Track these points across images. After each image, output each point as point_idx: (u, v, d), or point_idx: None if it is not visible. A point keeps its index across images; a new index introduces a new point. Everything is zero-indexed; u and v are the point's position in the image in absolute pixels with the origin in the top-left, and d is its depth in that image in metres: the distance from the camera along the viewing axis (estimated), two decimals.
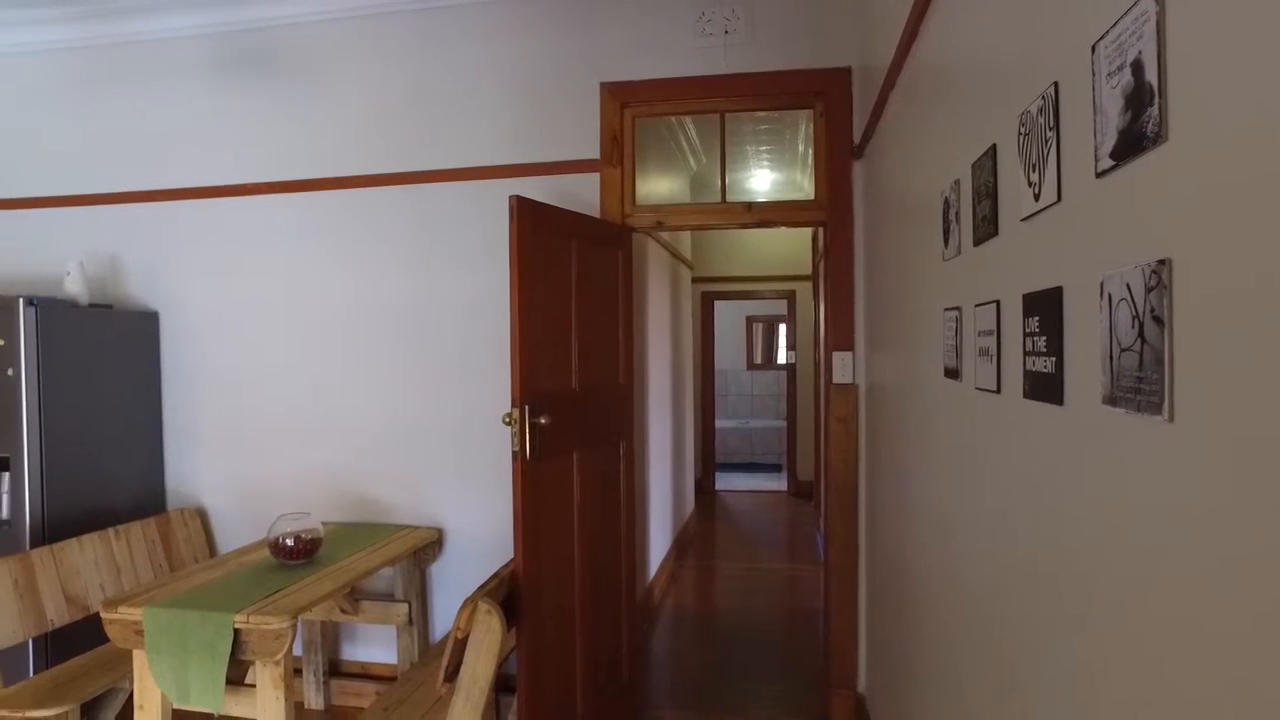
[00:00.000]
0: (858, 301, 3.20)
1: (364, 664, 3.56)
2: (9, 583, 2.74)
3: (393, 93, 3.50)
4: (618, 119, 3.32)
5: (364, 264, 3.52)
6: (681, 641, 4.13)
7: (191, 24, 3.64)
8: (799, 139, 5.20)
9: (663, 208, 3.45)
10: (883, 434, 2.70)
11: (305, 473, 3.57)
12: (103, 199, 3.77)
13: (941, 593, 1.72)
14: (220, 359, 3.67)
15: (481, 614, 2.27)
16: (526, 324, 2.53)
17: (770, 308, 10.04)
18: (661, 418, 4.92)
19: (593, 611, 2.93)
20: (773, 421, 10.03)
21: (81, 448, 3.31)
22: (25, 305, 3.09)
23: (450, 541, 3.44)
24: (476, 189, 3.41)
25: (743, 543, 6.15)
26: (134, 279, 3.76)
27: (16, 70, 3.89)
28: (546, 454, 2.61)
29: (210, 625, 2.34)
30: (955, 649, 1.60)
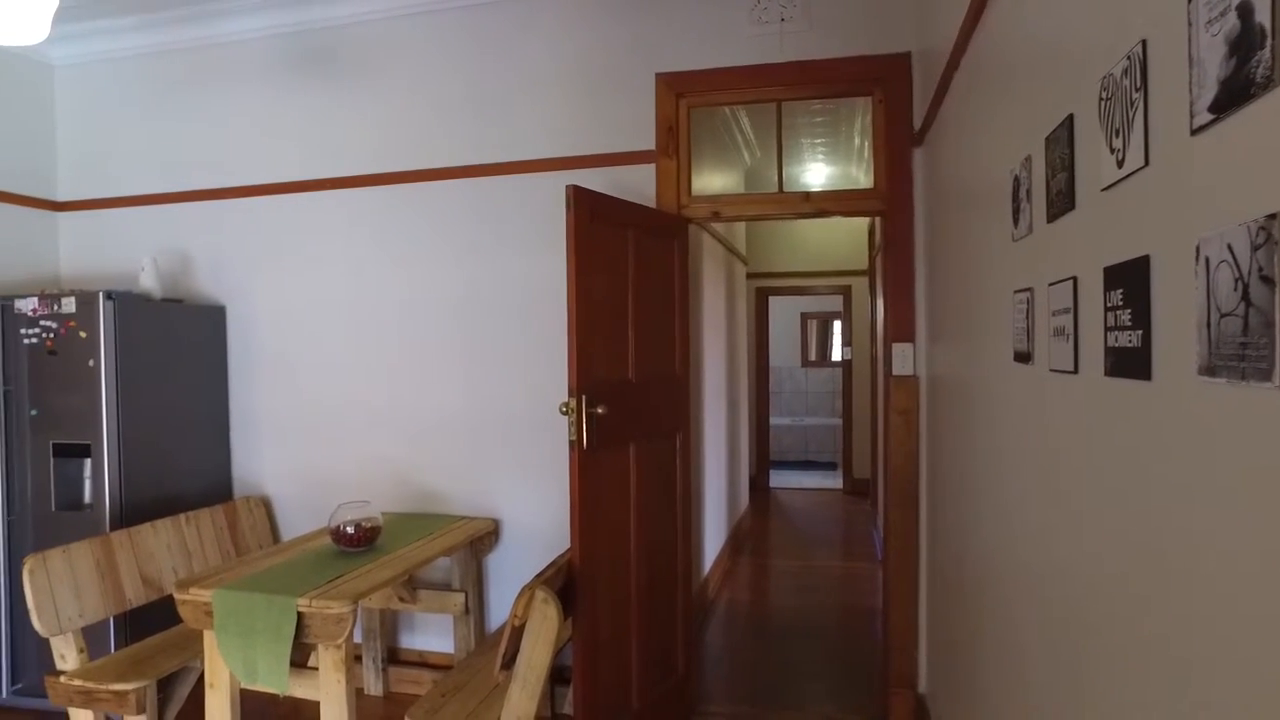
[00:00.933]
0: (918, 292, 3.13)
1: (421, 652, 3.61)
2: (92, 563, 2.85)
3: (450, 88, 3.54)
4: (673, 109, 3.30)
5: (422, 257, 3.57)
6: (736, 637, 4.09)
7: (256, 27, 3.74)
8: (854, 130, 5.12)
9: (719, 198, 3.42)
10: (945, 426, 2.63)
11: (365, 463, 3.64)
12: (174, 197, 3.91)
13: (1012, 591, 1.65)
14: (284, 351, 3.77)
15: (539, 602, 2.27)
16: (584, 313, 2.53)
17: (825, 304, 9.89)
18: (716, 413, 4.88)
19: (648, 603, 2.92)
20: (827, 419, 9.89)
21: (155, 436, 3.43)
22: (104, 299, 3.21)
23: (506, 532, 3.47)
24: (532, 181, 3.43)
25: (797, 540, 6.08)
26: (203, 274, 3.88)
27: (94, 78, 4.06)
28: (603, 444, 2.61)
29: (275, 608, 2.39)
30: (1027, 651, 1.54)
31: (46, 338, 3.26)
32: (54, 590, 2.72)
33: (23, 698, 3.34)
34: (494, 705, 2.40)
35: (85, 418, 3.23)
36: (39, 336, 3.27)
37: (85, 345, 3.21)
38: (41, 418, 3.29)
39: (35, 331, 3.27)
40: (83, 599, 2.80)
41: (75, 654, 2.74)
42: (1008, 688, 1.70)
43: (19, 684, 3.34)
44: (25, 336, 3.29)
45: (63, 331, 3.23)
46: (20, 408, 3.32)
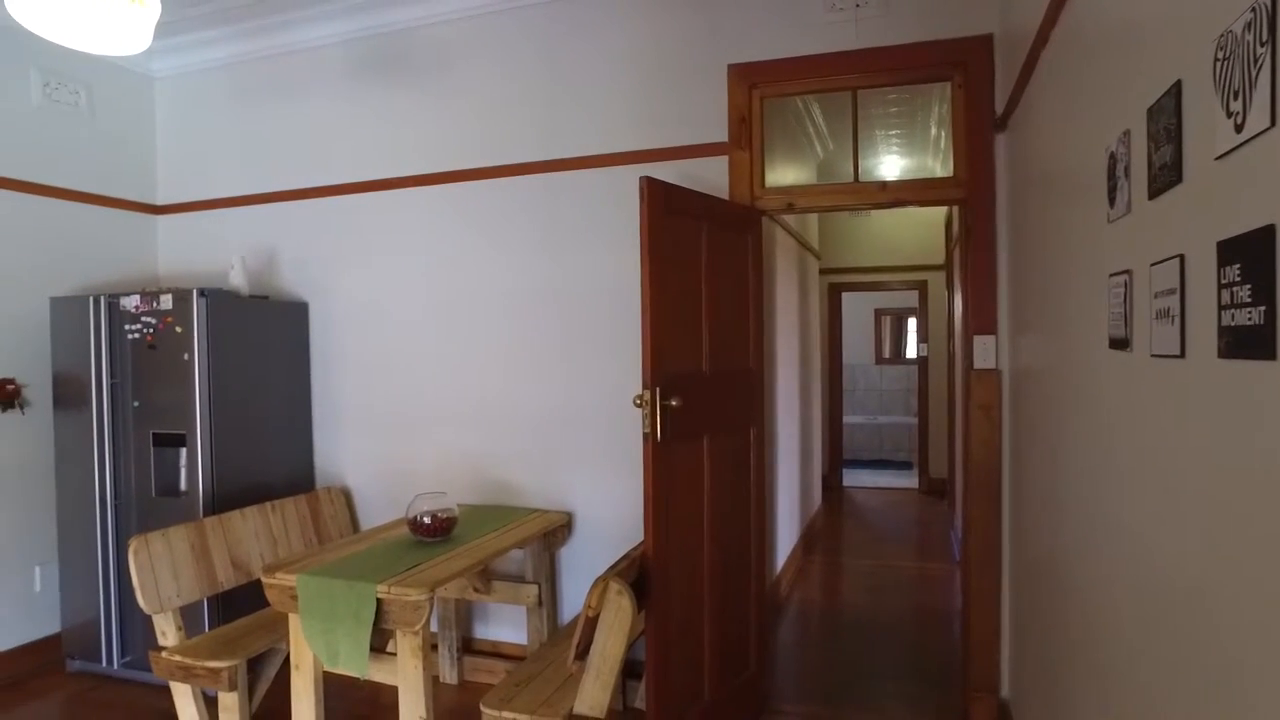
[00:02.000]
0: (1000, 282, 3.01)
1: (495, 643, 3.66)
2: (187, 546, 3.00)
3: (521, 84, 3.58)
4: (745, 100, 3.26)
5: (496, 252, 3.62)
6: (808, 635, 4.02)
7: (335, 32, 3.86)
8: (931, 120, 4.97)
9: (793, 189, 3.37)
10: (1031, 420, 2.52)
11: (441, 455, 3.72)
12: (260, 199, 4.07)
13: (1111, 596, 1.57)
14: (362, 346, 3.88)
15: (612, 594, 2.28)
16: (657, 305, 2.52)
17: (900, 299, 9.66)
18: (789, 410, 4.82)
19: (721, 598, 2.90)
20: (903, 418, 9.66)
21: (243, 428, 3.57)
22: (198, 296, 3.36)
23: (579, 526, 3.49)
24: (604, 175, 3.44)
25: (871, 539, 5.95)
26: (287, 271, 4.03)
27: (188, 88, 4.26)
28: (677, 437, 2.60)
29: (355, 594, 2.46)
30: (1129, 661, 1.46)
31: (147, 333, 3.43)
32: (155, 570, 2.86)
33: (131, 670, 3.53)
34: (567, 695, 2.41)
35: (181, 409, 3.39)
36: (140, 332, 3.45)
37: (181, 340, 3.37)
38: (143, 409, 3.47)
39: (137, 327, 3.45)
40: (180, 580, 2.93)
41: (174, 631, 2.88)
42: (1104, 699, 1.62)
43: (128, 657, 3.53)
44: (129, 332, 3.47)
45: (161, 327, 3.40)
46: (124, 399, 3.50)
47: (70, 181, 3.89)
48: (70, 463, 3.63)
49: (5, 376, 3.59)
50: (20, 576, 3.67)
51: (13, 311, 3.63)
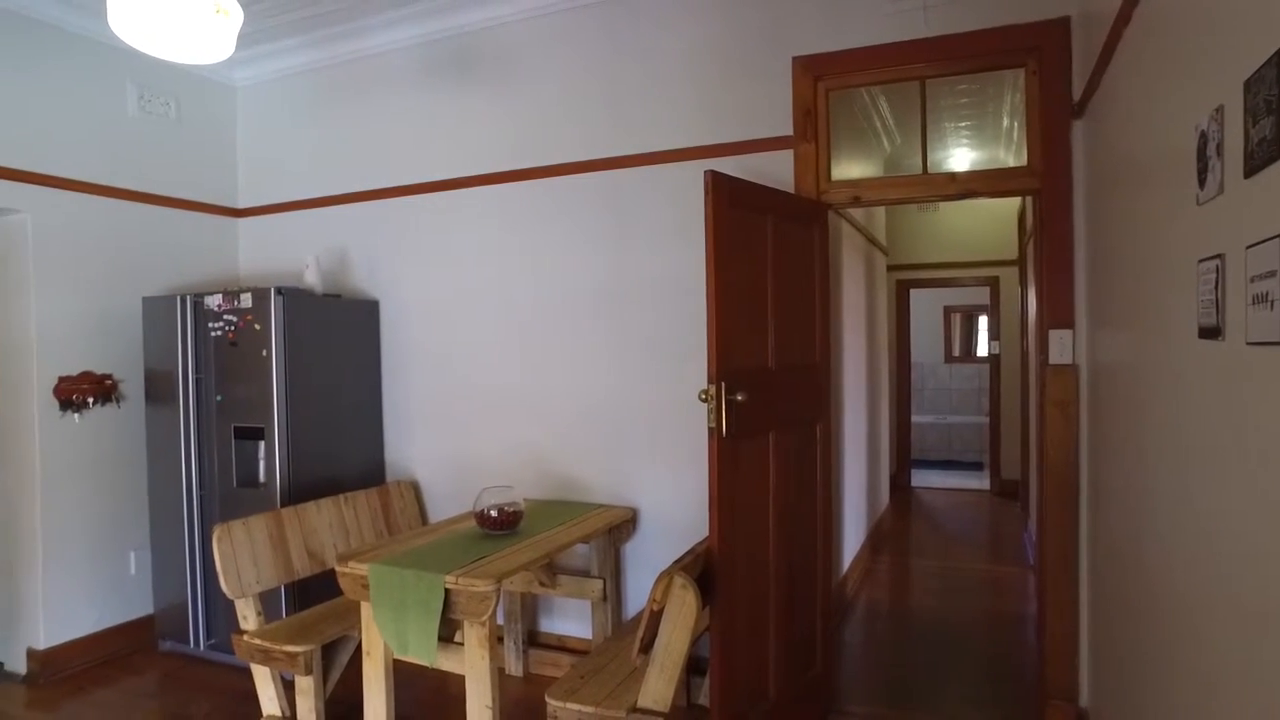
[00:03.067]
0: (1078, 273, 2.90)
1: (560, 636, 3.70)
2: (266, 535, 3.11)
3: (585, 83, 3.61)
4: (810, 93, 3.22)
5: (563, 249, 3.66)
6: (875, 637, 3.95)
7: (405, 36, 3.96)
8: (1003, 110, 4.82)
9: (859, 182, 3.31)
10: (1111, 416, 2.42)
11: (508, 450, 3.77)
12: (334, 200, 4.20)
13: (1211, 603, 1.49)
14: (431, 342, 3.97)
15: (677, 588, 2.27)
16: (723, 300, 2.51)
17: (970, 296, 9.40)
18: (856, 408, 4.74)
19: (786, 595, 2.86)
20: (973, 417, 9.40)
21: (317, 422, 3.69)
22: (275, 295, 3.49)
23: (644, 521, 3.50)
24: (667, 172, 3.44)
25: (941, 541, 5.80)
26: (358, 270, 4.15)
27: (268, 96, 4.44)
28: (742, 432, 2.58)
29: (424, 584, 2.51)
30: (1226, 675, 1.39)
31: (228, 330, 3.58)
32: (237, 557, 2.98)
33: (215, 652, 3.70)
34: (631, 689, 2.42)
35: (260, 403, 3.52)
36: (222, 329, 3.60)
37: (259, 337, 3.51)
38: (225, 403, 3.62)
39: (220, 325, 3.60)
40: (259, 567, 3.05)
41: (254, 616, 3.00)
42: (1198, 712, 1.54)
43: (213, 640, 3.70)
44: (212, 330, 3.63)
45: (241, 324, 3.54)
46: (208, 394, 3.67)
47: (161, 187, 4.09)
48: (160, 454, 3.81)
49: (104, 372, 3.80)
50: (117, 560, 3.88)
51: (110, 311, 3.84)
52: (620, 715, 2.32)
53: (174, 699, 3.39)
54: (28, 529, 3.61)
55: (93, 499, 3.78)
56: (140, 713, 3.27)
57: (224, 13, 2.04)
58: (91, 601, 3.77)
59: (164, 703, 3.37)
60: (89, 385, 3.73)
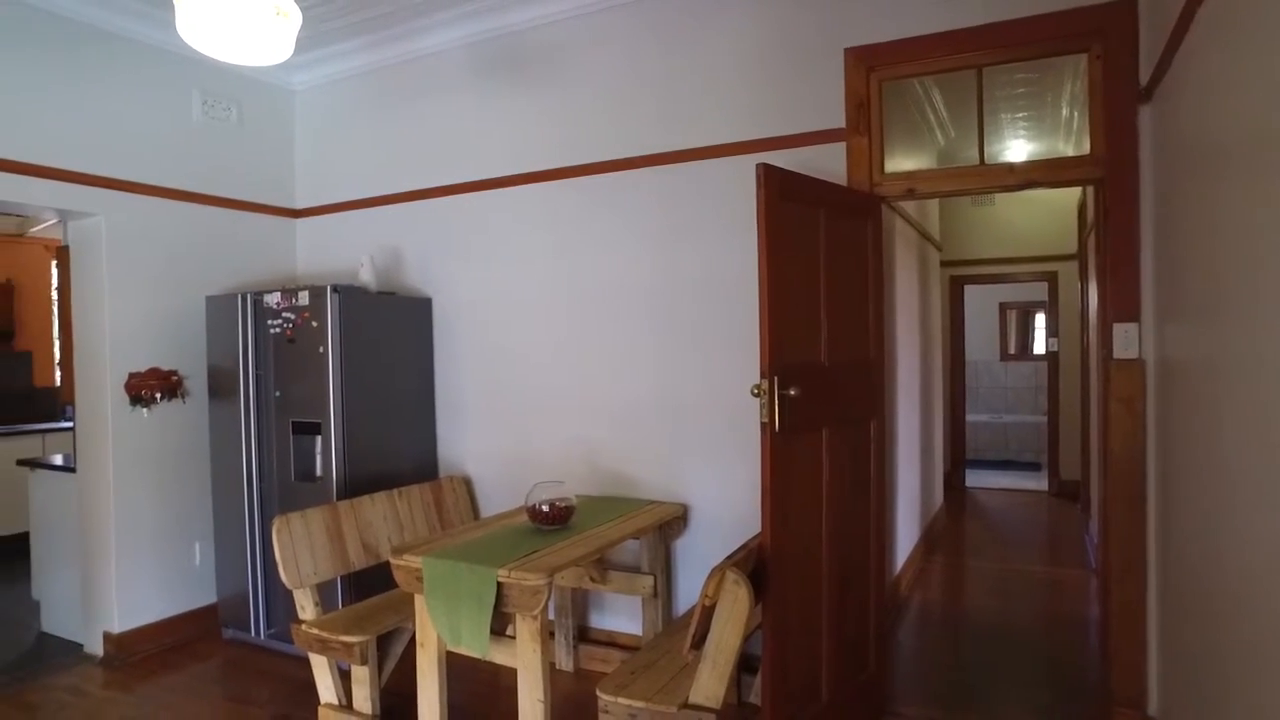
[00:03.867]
0: (1144, 264, 2.80)
1: (610, 632, 3.71)
2: (323, 528, 3.18)
3: (633, 78, 3.61)
4: (863, 84, 3.17)
5: (614, 245, 3.66)
6: (929, 638, 3.87)
7: (454, 37, 4.01)
8: (1062, 99, 4.68)
9: (914, 174, 3.25)
10: (1184, 412, 2.33)
11: (559, 446, 3.79)
12: (387, 200, 4.28)
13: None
14: (483, 339, 4.01)
15: (729, 583, 2.26)
16: (775, 294, 2.48)
17: (1026, 293, 9.16)
18: (909, 405, 4.65)
19: (839, 594, 2.82)
20: (1030, 416, 9.16)
21: (372, 418, 3.76)
22: (331, 292, 3.56)
23: (695, 518, 3.48)
24: (716, 167, 3.42)
25: (996, 542, 5.66)
26: (411, 268, 4.22)
27: (324, 98, 4.54)
28: (795, 428, 2.55)
29: (477, 577, 2.54)
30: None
31: (287, 327, 3.67)
32: (295, 548, 3.05)
33: (275, 641, 3.80)
34: (682, 684, 2.41)
35: (317, 399, 3.60)
36: (281, 327, 3.69)
37: (316, 334, 3.58)
38: (283, 399, 3.71)
39: (278, 322, 3.70)
40: (317, 558, 3.12)
41: (312, 606, 3.07)
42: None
43: (273, 629, 3.80)
44: (271, 327, 3.72)
45: (299, 322, 3.63)
46: (267, 390, 3.76)
47: (223, 190, 4.21)
48: (222, 448, 3.93)
49: (170, 369, 3.93)
50: (183, 551, 4.01)
51: (176, 309, 3.97)
52: (671, 711, 2.31)
53: (237, 685, 3.49)
54: (103, 518, 3.76)
55: (160, 491, 3.91)
56: (206, 697, 3.38)
57: (284, 15, 2.09)
58: (159, 590, 3.91)
59: (227, 688, 3.47)
60: (156, 381, 3.86)
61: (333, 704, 3.07)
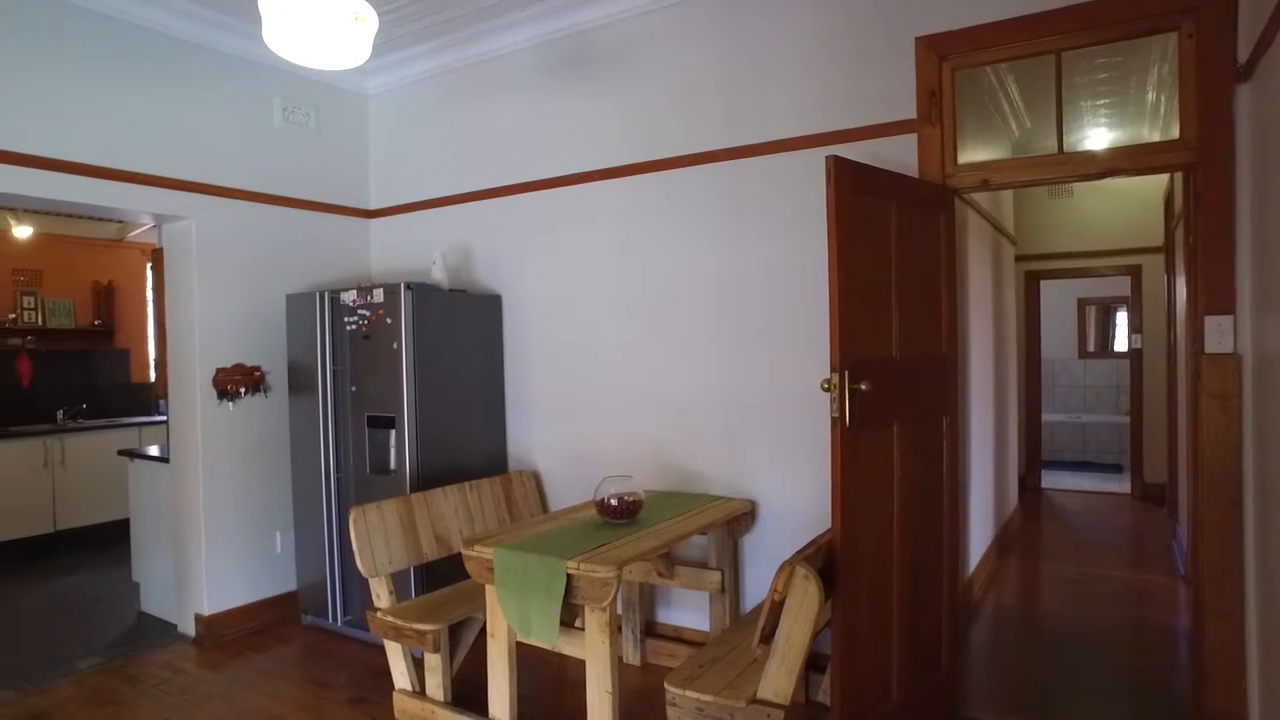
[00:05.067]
0: (1240, 253, 2.66)
1: (677, 627, 3.72)
2: (397, 519, 3.28)
3: (699, 74, 3.61)
4: (935, 73, 3.10)
5: (681, 241, 3.66)
6: (1004, 642, 3.76)
7: (522, 38, 4.07)
8: (1148, 83, 4.48)
9: (988, 165, 3.16)
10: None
11: (627, 442, 3.82)
12: (458, 199, 4.38)
13: None
14: (551, 335, 4.07)
15: (799, 579, 2.24)
16: (845, 286, 2.45)
17: (1106, 287, 8.81)
18: (982, 403, 4.53)
19: (911, 592, 2.77)
20: (1110, 416, 8.82)
21: (443, 412, 3.85)
22: (405, 290, 3.66)
23: (763, 514, 3.46)
24: (783, 161, 3.39)
25: (1074, 545, 5.46)
26: (481, 266, 4.30)
27: (396, 101, 4.66)
28: (866, 423, 2.51)
29: (547, 569, 2.58)
30: None
31: (362, 324, 3.79)
32: (371, 538, 3.15)
33: (351, 628, 3.93)
34: (750, 680, 2.40)
35: (391, 394, 3.71)
36: (356, 324, 3.81)
37: (390, 330, 3.69)
38: (359, 393, 3.84)
39: (354, 319, 3.82)
40: (391, 548, 3.21)
41: (387, 595, 3.16)
42: None
43: (349, 616, 3.93)
44: (347, 324, 3.85)
45: (374, 318, 3.74)
46: (344, 384, 3.89)
47: (302, 192, 4.37)
48: (302, 440, 4.08)
49: (253, 364, 4.11)
50: (266, 539, 4.19)
51: (259, 307, 4.15)
52: (739, 705, 2.31)
53: (316, 669, 3.62)
54: (193, 507, 3.95)
55: (244, 481, 4.09)
56: (287, 679, 3.51)
57: (362, 19, 2.16)
58: (244, 576, 4.09)
59: (307, 671, 3.60)
60: (241, 376, 4.04)
61: (406, 690, 3.16)
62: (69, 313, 6.65)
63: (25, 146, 3.33)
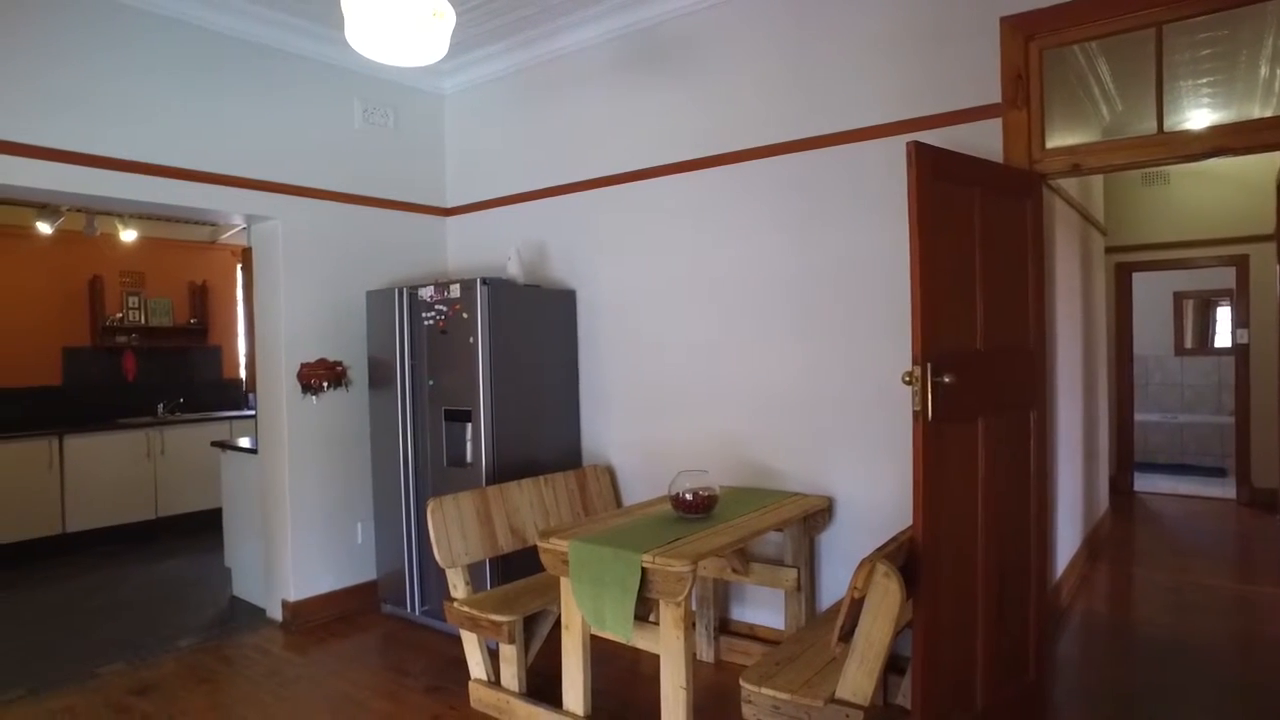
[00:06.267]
0: None
1: (751, 625, 3.67)
2: (473, 511, 3.33)
3: (773, 65, 3.55)
4: (1021, 54, 2.97)
5: (756, 233, 3.61)
6: (1095, 651, 3.58)
7: (595, 33, 4.08)
8: (1261, 56, 4.20)
9: (1079, 148, 3.00)
10: None
11: (701, 437, 3.79)
12: (532, 195, 4.42)
13: None
14: (625, 330, 4.07)
15: (879, 576, 2.18)
16: (927, 277, 2.37)
17: (1206, 280, 8.31)
18: (1070, 400, 4.33)
19: (995, 595, 2.66)
20: (1211, 416, 8.33)
21: (518, 407, 3.89)
22: (481, 285, 3.72)
23: (840, 512, 3.39)
24: (859, 150, 3.31)
25: (1173, 552, 5.17)
26: (556, 261, 4.34)
27: (472, 101, 4.75)
28: (949, 417, 2.43)
29: (622, 562, 2.57)
30: None
31: (439, 319, 3.86)
32: (448, 529, 3.21)
33: (428, 617, 4.02)
34: (828, 679, 2.35)
35: (467, 388, 3.77)
36: (433, 319, 3.89)
37: (467, 325, 3.75)
38: (436, 387, 3.91)
39: (431, 315, 3.90)
40: (468, 540, 3.27)
41: (463, 585, 3.21)
42: None
43: (426, 606, 4.02)
44: (425, 319, 3.93)
45: (450, 313, 3.81)
46: (422, 379, 3.98)
47: (381, 191, 4.50)
48: (381, 434, 4.19)
49: (335, 359, 4.24)
50: (347, 529, 4.32)
51: (340, 303, 4.28)
52: (817, 705, 2.26)
53: (394, 656, 3.72)
54: (280, 497, 4.11)
55: (327, 473, 4.23)
56: (367, 666, 3.62)
57: (440, 15, 2.20)
58: (327, 564, 4.23)
59: (386, 659, 3.70)
60: (324, 371, 4.17)
61: (482, 680, 3.20)
62: (168, 312, 7.01)
63: (128, 153, 3.52)
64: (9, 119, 3.21)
